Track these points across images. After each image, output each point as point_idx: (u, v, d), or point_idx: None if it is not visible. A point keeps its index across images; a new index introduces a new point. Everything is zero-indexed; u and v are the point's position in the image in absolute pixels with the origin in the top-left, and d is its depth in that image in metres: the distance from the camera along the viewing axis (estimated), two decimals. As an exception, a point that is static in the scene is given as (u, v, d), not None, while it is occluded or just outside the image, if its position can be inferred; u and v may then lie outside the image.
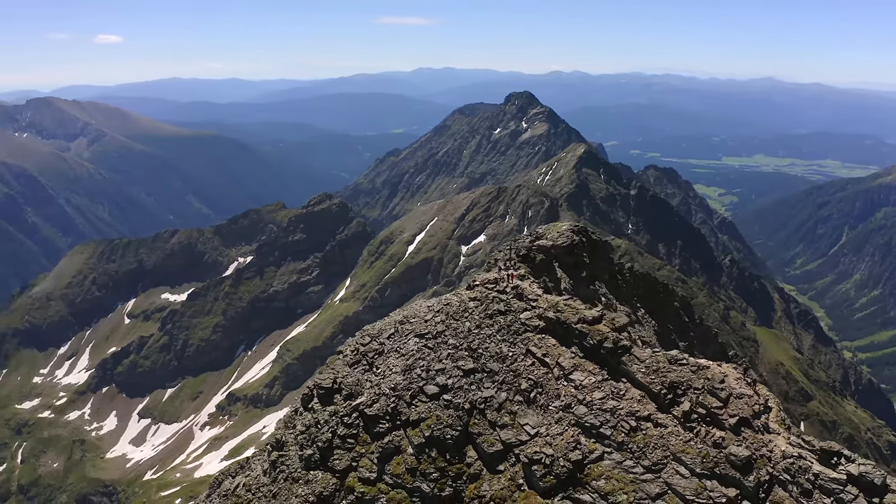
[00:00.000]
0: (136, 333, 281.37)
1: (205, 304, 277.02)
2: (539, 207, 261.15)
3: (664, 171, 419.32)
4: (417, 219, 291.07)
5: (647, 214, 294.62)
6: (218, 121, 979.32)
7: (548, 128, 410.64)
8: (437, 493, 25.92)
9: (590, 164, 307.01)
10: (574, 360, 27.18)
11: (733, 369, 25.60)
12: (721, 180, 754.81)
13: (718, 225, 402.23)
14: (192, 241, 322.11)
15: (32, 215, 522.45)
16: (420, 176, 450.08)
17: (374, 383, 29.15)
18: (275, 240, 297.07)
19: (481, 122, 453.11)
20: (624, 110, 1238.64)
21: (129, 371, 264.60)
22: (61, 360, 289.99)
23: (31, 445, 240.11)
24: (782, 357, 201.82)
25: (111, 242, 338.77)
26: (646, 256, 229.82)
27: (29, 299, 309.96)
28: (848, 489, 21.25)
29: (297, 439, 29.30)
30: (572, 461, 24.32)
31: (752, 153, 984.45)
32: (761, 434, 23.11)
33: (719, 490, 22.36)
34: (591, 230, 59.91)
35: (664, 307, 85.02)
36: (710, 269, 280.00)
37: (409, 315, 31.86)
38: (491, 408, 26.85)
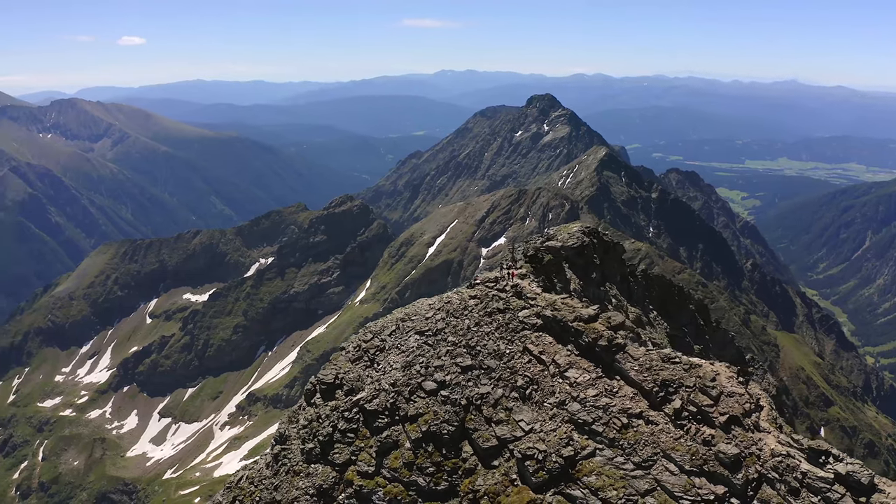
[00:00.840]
0: (157, 333, 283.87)
1: (226, 304, 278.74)
2: (559, 210, 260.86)
3: (686, 174, 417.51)
4: (438, 221, 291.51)
5: (669, 218, 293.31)
6: (241, 122, 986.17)
7: (569, 130, 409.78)
8: (432, 486, 26.33)
9: (611, 167, 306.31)
10: (570, 358, 27.49)
11: (726, 368, 25.76)
12: (744, 184, 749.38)
13: (741, 229, 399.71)
14: (213, 241, 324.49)
15: (56, 215, 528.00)
16: (441, 178, 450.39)
17: (375, 379, 29.63)
18: (296, 241, 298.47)
19: (503, 124, 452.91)
20: (646, 113, 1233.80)
21: (150, 370, 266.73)
22: (83, 359, 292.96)
23: (53, 443, 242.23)
24: (803, 362, 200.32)
25: (133, 243, 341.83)
26: (666, 260, 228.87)
27: (52, 298, 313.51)
28: (835, 488, 21.31)
29: (300, 433, 29.85)
30: (564, 457, 24.60)
31: (775, 156, 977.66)
32: (751, 432, 23.26)
33: (707, 487, 22.54)
34: (603, 232, 60.17)
35: (679, 310, 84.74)
36: (731, 273, 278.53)
37: (410, 312, 32.34)
38: (487, 404, 27.23)
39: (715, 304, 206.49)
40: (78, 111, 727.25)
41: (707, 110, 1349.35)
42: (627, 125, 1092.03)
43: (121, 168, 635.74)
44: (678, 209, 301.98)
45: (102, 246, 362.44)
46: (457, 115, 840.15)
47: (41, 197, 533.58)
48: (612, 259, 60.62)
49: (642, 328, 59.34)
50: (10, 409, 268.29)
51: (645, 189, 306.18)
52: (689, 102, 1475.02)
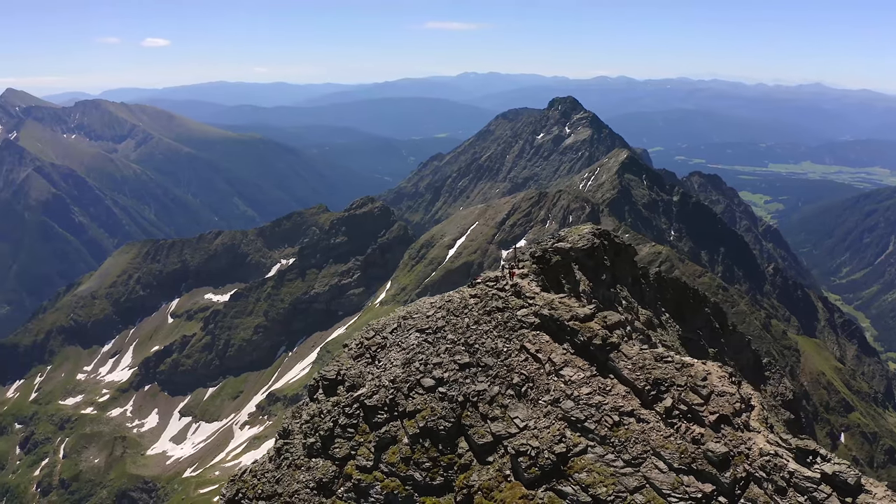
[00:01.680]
0: (178, 333, 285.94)
1: (247, 304, 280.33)
2: (580, 213, 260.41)
3: (709, 177, 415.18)
4: (458, 223, 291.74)
5: (690, 221, 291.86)
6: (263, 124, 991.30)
7: (591, 133, 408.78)
8: (428, 481, 26.77)
9: (632, 170, 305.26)
10: (565, 357, 27.81)
11: (718, 368, 25.97)
12: (767, 187, 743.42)
13: (763, 233, 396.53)
14: (235, 242, 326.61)
15: (80, 215, 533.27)
16: (463, 180, 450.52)
17: (376, 375, 30.13)
18: (317, 242, 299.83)
19: (524, 126, 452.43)
20: (669, 116, 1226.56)
21: (171, 370, 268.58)
22: (105, 357, 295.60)
23: (74, 441, 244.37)
24: (824, 367, 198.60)
25: (156, 243, 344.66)
26: (687, 263, 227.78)
27: (74, 297, 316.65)
28: (821, 488, 21.46)
29: (302, 428, 30.42)
30: (557, 454, 24.93)
31: (798, 160, 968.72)
32: (741, 432, 23.46)
33: (695, 485, 22.77)
34: (615, 234, 60.32)
35: (695, 313, 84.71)
36: (753, 277, 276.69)
37: (412, 311, 32.84)
38: (483, 401, 27.61)
39: (735, 308, 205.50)
40: (102, 112, 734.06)
41: (730, 113, 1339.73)
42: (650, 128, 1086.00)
43: (144, 169, 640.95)
44: (700, 212, 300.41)
45: (125, 246, 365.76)
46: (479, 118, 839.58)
47: (65, 197, 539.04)
48: (623, 261, 60.79)
49: (653, 330, 59.53)
50: (32, 406, 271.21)
51: (666, 192, 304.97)
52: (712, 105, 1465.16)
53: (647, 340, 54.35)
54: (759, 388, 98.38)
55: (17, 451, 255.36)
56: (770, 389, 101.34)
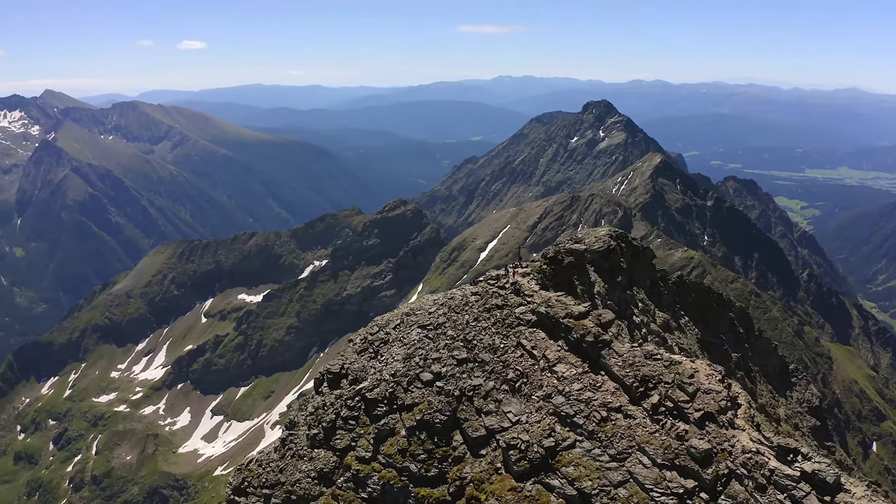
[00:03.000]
0: (212, 332, 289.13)
1: (279, 305, 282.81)
2: (612, 217, 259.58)
3: (744, 182, 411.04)
4: (490, 226, 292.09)
5: (724, 226, 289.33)
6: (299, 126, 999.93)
7: (625, 137, 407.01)
8: (423, 473, 27.49)
9: (666, 174, 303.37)
10: (559, 353, 28.34)
11: (706, 366, 26.29)
12: (803, 193, 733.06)
13: (799, 238, 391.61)
14: (269, 243, 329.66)
15: (116, 215, 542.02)
16: (496, 184, 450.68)
17: (378, 370, 30.93)
18: (349, 244, 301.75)
19: (558, 130, 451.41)
20: (705, 120, 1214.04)
21: (203, 369, 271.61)
22: (139, 356, 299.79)
23: (107, 438, 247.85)
24: (856, 375, 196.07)
25: (190, 243, 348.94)
26: (719, 269, 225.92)
27: (110, 296, 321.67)
28: (800, 486, 21.64)
29: (306, 420, 31.35)
30: (546, 447, 25.47)
31: (835, 166, 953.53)
32: (725, 429, 23.77)
33: (678, 481, 23.12)
34: (632, 236, 60.50)
35: (718, 317, 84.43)
36: (787, 283, 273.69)
37: (415, 307, 33.63)
38: (479, 395, 28.25)
39: (768, 314, 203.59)
40: (139, 114, 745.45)
41: (767, 118, 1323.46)
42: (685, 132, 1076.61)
43: (180, 170, 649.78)
44: (734, 218, 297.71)
45: (160, 246, 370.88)
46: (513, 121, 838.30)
47: (102, 197, 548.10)
48: (641, 264, 60.97)
49: (670, 333, 59.59)
50: (66, 403, 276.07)
51: (700, 197, 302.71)
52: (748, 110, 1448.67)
53: (664, 343, 54.50)
54: (785, 395, 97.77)
55: (50, 447, 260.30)
56: (796, 396, 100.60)
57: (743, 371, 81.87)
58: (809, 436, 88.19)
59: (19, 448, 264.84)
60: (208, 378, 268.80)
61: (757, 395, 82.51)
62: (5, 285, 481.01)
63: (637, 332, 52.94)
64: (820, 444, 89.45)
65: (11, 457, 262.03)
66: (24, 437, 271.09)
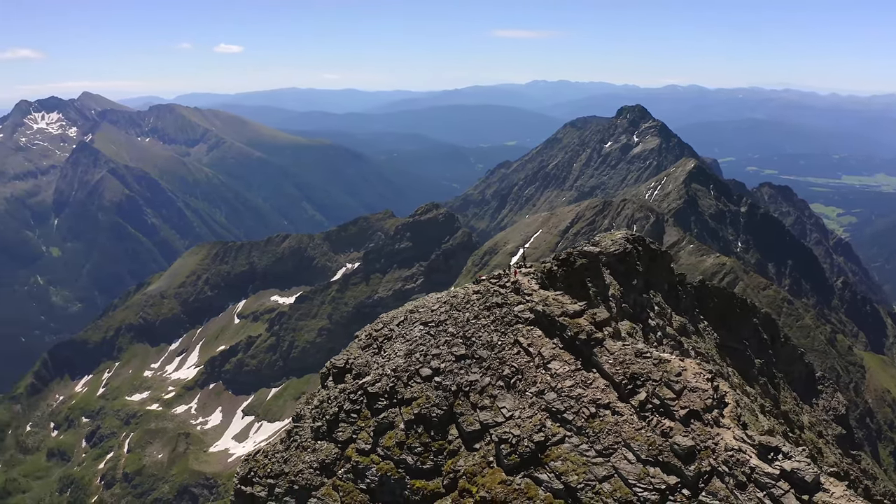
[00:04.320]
0: (244, 333, 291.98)
1: (311, 307, 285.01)
2: (644, 222, 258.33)
3: (779, 188, 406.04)
4: (522, 230, 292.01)
5: (758, 233, 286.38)
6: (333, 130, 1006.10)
7: (659, 142, 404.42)
8: (419, 465, 28.27)
9: (699, 180, 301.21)
10: (554, 351, 28.92)
11: (695, 365, 26.70)
12: (840, 200, 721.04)
13: (834, 246, 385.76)
14: (302, 245, 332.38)
15: (152, 216, 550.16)
16: (529, 188, 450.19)
17: (380, 365, 31.80)
18: (381, 247, 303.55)
19: (592, 135, 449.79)
20: (741, 125, 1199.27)
21: (235, 369, 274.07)
22: (172, 355, 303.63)
23: (138, 436, 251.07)
24: (889, 384, 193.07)
25: (225, 245, 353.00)
26: (751, 275, 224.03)
27: (144, 296, 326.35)
28: (779, 484, 21.84)
29: (312, 413, 32.34)
30: (535, 442, 26.06)
31: (873, 172, 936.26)
32: (710, 427, 24.17)
33: (660, 477, 23.53)
34: (650, 240, 60.72)
35: (741, 323, 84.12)
36: (821, 290, 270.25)
37: (419, 305, 34.46)
38: (475, 391, 28.94)
39: (800, 321, 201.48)
40: (175, 116, 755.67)
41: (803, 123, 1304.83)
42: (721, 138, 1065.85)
43: (216, 172, 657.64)
44: (768, 224, 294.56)
45: (195, 247, 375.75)
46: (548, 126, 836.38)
47: (138, 198, 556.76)
48: (658, 267, 61.14)
49: (687, 337, 59.66)
50: (99, 401, 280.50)
51: (734, 203, 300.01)
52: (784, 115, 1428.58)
53: (679, 346, 54.64)
54: (811, 402, 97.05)
55: (83, 444, 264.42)
56: (822, 404, 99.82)
57: (766, 377, 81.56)
58: (834, 444, 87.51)
59: (52, 445, 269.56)
60: (240, 378, 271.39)
61: (780, 402, 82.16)
62: (42, 285, 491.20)
63: (652, 336, 53.20)
64: (845, 452, 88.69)
65: (44, 453, 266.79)
66: (58, 433, 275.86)
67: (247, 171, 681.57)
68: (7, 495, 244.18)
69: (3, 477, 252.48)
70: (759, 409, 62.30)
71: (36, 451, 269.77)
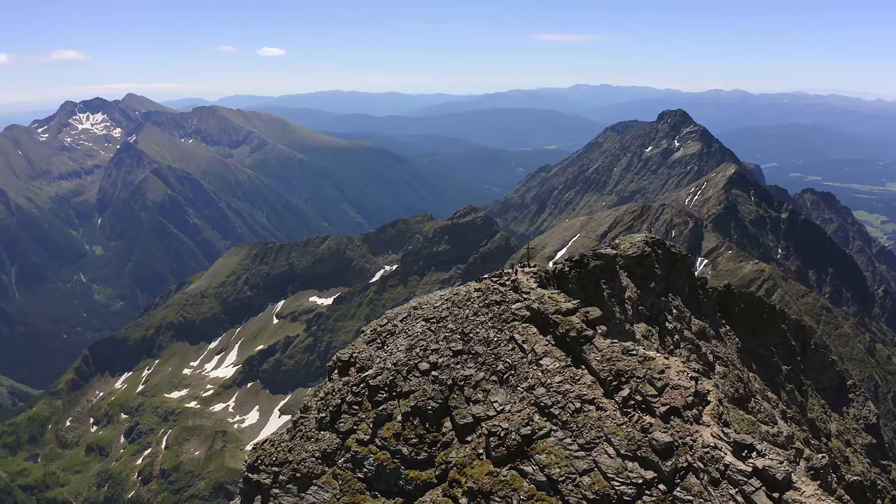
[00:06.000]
0: (282, 333, 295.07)
1: (349, 308, 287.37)
2: (683, 227, 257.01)
3: (822, 195, 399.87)
4: (560, 234, 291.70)
5: (799, 239, 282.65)
6: (375, 133, 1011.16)
7: (700, 147, 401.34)
8: (413, 456, 29.37)
9: (740, 186, 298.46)
10: (547, 347, 29.68)
11: (679, 363, 27.23)
12: (884, 207, 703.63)
13: (877, 254, 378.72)
14: (341, 247, 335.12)
15: (194, 217, 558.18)
16: (569, 192, 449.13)
17: (382, 359, 32.94)
18: (419, 250, 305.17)
19: (633, 139, 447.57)
20: (784, 131, 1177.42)
21: (273, 368, 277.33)
22: (211, 354, 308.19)
23: (176, 433, 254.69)
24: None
25: (265, 245, 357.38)
26: (790, 282, 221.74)
27: (185, 295, 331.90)
28: (751, 481, 22.30)
29: (317, 404, 33.58)
30: (523, 435, 26.88)
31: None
32: (689, 424, 24.72)
33: (638, 472, 24.15)
34: (670, 244, 60.83)
35: (769, 329, 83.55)
36: (862, 299, 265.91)
37: (422, 302, 35.54)
38: (469, 385, 29.85)
39: (839, 330, 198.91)
40: (218, 118, 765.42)
41: (848, 129, 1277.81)
42: (765, 143, 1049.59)
43: (258, 174, 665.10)
44: (809, 231, 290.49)
45: (235, 247, 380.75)
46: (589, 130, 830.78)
47: (180, 199, 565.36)
48: (679, 271, 61.30)
49: (706, 341, 59.72)
50: (138, 398, 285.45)
51: (775, 209, 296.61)
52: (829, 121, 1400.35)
53: (697, 350, 54.85)
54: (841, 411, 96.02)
55: (121, 440, 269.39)
56: (853, 412, 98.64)
57: (793, 384, 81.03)
58: (862, 453, 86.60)
59: (91, 440, 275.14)
60: (278, 378, 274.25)
61: (807, 410, 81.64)
62: (84, 282, 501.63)
63: (669, 339, 53.49)
64: (874, 462, 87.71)
65: (83, 448, 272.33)
66: (97, 429, 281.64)
67: (288, 172, 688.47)
68: (46, 489, 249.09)
69: (42, 471, 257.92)
70: (779, 415, 62.24)
71: (75, 446, 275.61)
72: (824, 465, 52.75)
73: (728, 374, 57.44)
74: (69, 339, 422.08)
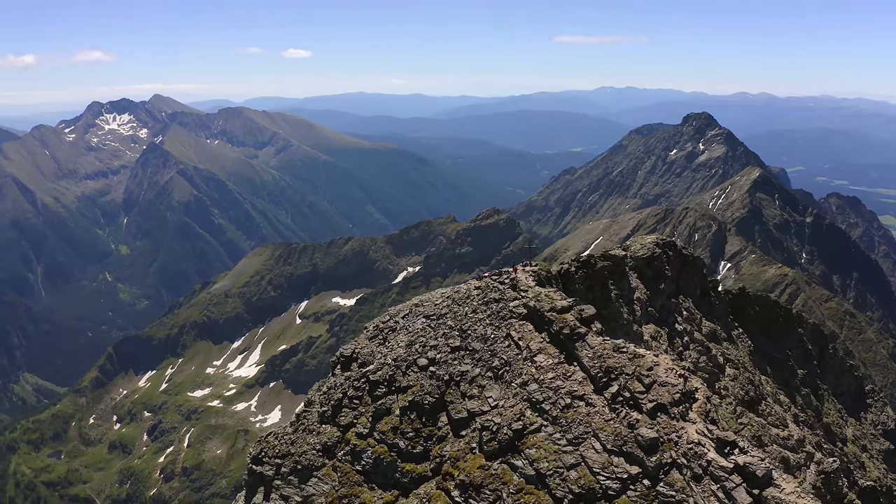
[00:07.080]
0: (305, 333, 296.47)
1: (372, 309, 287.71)
2: (706, 231, 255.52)
3: (847, 199, 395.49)
4: (583, 237, 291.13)
5: (823, 244, 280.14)
6: (399, 134, 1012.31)
7: (725, 150, 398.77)
8: (409, 449, 30.05)
9: (764, 189, 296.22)
10: (541, 344, 30.21)
11: (668, 361, 27.62)
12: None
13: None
14: (364, 248, 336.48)
15: (219, 217, 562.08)
16: (593, 195, 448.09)
17: (383, 354, 33.69)
18: (442, 251, 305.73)
19: (657, 142, 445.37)
20: (811, 135, 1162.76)
21: (296, 368, 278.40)
22: (234, 353, 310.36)
23: (199, 431, 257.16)
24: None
25: (288, 246, 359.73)
26: (813, 287, 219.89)
27: (209, 295, 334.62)
28: (732, 478, 22.68)
29: (320, 398, 34.37)
30: (514, 430, 27.46)
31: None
32: (676, 420, 25.15)
33: (623, 467, 24.61)
34: (682, 245, 60.95)
35: (785, 333, 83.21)
36: (887, 304, 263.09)
37: (424, 299, 36.20)
38: (465, 380, 30.50)
39: (863, 335, 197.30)
40: (244, 119, 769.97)
41: (875, 133, 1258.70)
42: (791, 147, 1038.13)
43: (283, 175, 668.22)
44: (834, 235, 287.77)
45: (259, 248, 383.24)
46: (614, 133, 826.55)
47: (206, 199, 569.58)
48: (690, 273, 61.37)
49: (716, 343, 59.75)
50: (161, 396, 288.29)
51: (799, 213, 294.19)
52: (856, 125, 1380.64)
53: (707, 352, 54.96)
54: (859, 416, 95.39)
55: (144, 438, 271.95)
56: (871, 418, 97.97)
57: (809, 388, 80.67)
58: (879, 459, 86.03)
59: (114, 437, 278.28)
60: (300, 378, 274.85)
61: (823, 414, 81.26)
62: (110, 281, 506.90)
63: (678, 340, 53.66)
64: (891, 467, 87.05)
65: (106, 445, 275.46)
66: (120, 426, 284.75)
67: (313, 173, 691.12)
68: (69, 485, 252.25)
69: (65, 467, 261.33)
70: (791, 419, 62.11)
71: (98, 443, 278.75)
72: (835, 469, 52.74)
73: (738, 376, 57.41)
74: (94, 337, 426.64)
